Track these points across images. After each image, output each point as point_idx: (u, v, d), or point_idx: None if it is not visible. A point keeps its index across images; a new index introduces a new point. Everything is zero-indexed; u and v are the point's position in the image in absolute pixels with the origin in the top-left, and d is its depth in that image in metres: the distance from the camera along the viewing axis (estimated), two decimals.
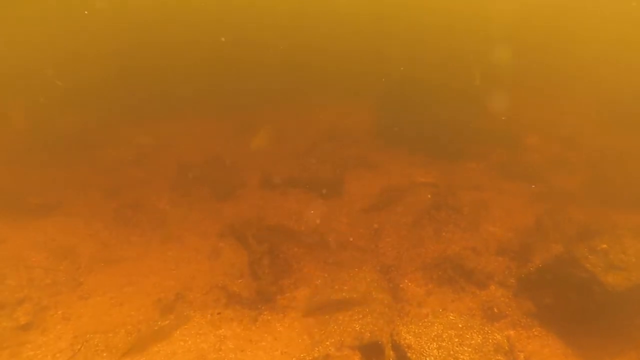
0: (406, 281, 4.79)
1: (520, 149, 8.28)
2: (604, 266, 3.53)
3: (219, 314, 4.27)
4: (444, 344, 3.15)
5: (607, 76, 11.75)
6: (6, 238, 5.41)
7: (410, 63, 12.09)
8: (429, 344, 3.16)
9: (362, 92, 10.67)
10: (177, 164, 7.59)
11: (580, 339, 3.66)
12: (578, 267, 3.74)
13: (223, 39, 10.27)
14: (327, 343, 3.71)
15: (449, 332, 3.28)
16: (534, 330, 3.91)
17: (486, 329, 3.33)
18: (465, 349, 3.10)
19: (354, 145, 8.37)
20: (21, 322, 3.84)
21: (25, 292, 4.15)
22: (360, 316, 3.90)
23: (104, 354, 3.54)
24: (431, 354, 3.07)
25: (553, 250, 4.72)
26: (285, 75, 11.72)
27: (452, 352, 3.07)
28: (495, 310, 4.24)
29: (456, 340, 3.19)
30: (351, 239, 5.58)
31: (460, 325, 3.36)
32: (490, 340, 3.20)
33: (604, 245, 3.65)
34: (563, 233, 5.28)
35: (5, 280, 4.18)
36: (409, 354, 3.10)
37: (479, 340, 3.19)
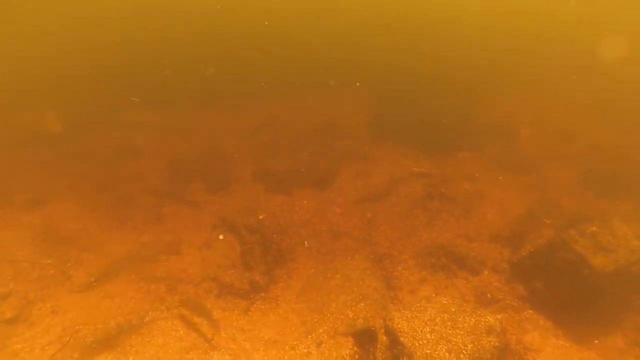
0: (400, 269, 4.80)
1: (515, 141, 8.32)
2: (593, 248, 3.57)
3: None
4: (436, 328, 3.16)
5: (602, 71, 11.85)
6: None
7: (406, 57, 12.04)
8: (422, 327, 3.16)
9: (357, 86, 10.61)
10: (171, 157, 7.48)
11: (570, 321, 3.71)
12: (568, 250, 3.77)
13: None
14: (320, 330, 3.70)
15: (442, 316, 3.28)
16: (525, 313, 3.95)
17: (479, 312, 3.34)
18: (458, 331, 3.11)
19: (348, 138, 8.32)
20: (7, 316, 3.75)
21: (10, 287, 4.05)
22: (353, 304, 3.90)
23: (94, 346, 3.48)
24: (424, 337, 3.07)
25: (544, 236, 4.76)
26: (279, 69, 11.60)
27: (444, 335, 3.08)
28: (488, 295, 4.28)
29: (449, 323, 3.20)
30: (344, 229, 5.56)
31: (453, 309, 3.37)
32: (483, 323, 3.21)
33: (593, 228, 3.68)
34: (554, 220, 5.32)
35: None
36: (401, 338, 3.10)
37: (471, 323, 3.20)
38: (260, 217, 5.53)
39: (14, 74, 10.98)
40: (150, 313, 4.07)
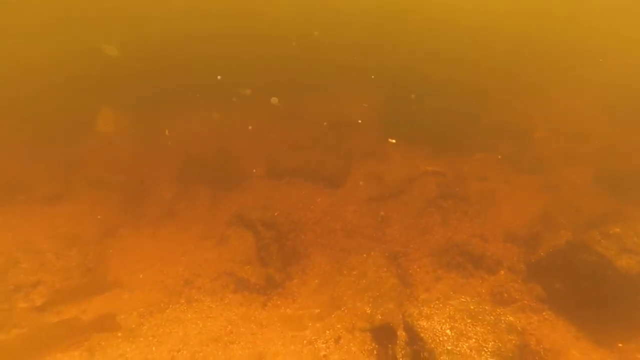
0: (415, 267, 4.80)
1: (529, 142, 8.21)
2: (617, 250, 3.52)
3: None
4: (456, 325, 3.16)
5: (617, 70, 11.60)
6: (16, 226, 5.45)
7: (418, 56, 11.97)
8: (441, 324, 3.16)
9: (370, 84, 10.59)
10: (184, 154, 7.58)
11: (591, 323, 3.66)
12: (589, 251, 3.72)
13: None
14: (338, 326, 3.73)
15: (461, 313, 3.28)
16: (544, 314, 3.92)
17: (498, 311, 3.33)
18: (478, 329, 3.11)
19: (360, 136, 8.32)
20: (37, 303, 3.89)
21: (39, 276, 4.19)
22: (371, 300, 3.92)
23: (119, 334, 3.58)
24: (444, 333, 3.07)
25: (562, 237, 4.69)
26: (291, 67, 11.63)
27: (465, 332, 3.08)
28: (505, 295, 4.25)
29: (469, 321, 3.20)
30: (358, 227, 5.58)
31: (471, 307, 3.37)
32: (503, 322, 3.20)
33: (617, 230, 3.63)
34: (572, 221, 5.25)
35: (19, 264, 4.22)
36: (422, 335, 3.11)
37: (491, 321, 3.19)
38: (275, 213, 5.59)
39: (28, 75, 11.25)
40: (170, 306, 4.16)
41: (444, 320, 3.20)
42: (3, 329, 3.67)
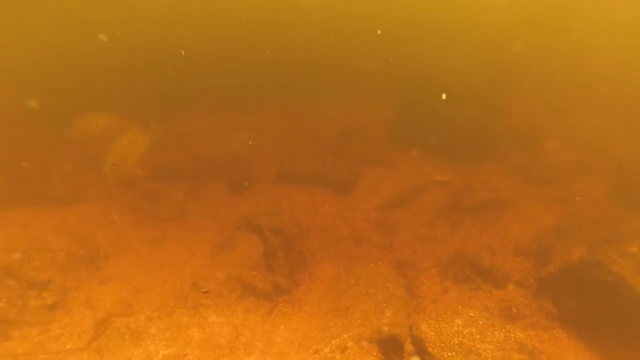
0: (422, 278, 4.75)
1: (540, 151, 8.09)
2: (633, 269, 3.43)
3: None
4: (465, 340, 3.12)
5: (633, 81, 11.37)
6: (30, 223, 5.58)
7: (429, 63, 11.95)
8: (449, 339, 3.12)
9: (379, 91, 10.60)
10: (193, 156, 7.68)
11: (604, 344, 3.56)
12: (604, 270, 3.64)
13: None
14: (345, 336, 3.70)
15: (470, 328, 3.24)
16: (555, 332, 3.83)
17: (507, 327, 3.28)
18: (487, 345, 3.06)
19: (369, 143, 8.31)
20: (48, 302, 3.97)
21: (50, 274, 4.28)
22: (378, 310, 3.89)
23: (126, 337, 3.62)
24: (453, 349, 3.03)
25: (575, 253, 4.61)
26: (302, 71, 11.71)
27: (473, 348, 3.03)
28: (514, 310, 4.17)
29: (477, 337, 3.15)
30: (365, 235, 5.56)
31: (480, 323, 3.32)
32: (513, 339, 3.14)
33: (634, 249, 3.54)
34: (585, 236, 5.14)
35: (32, 262, 4.31)
36: (429, 349, 3.08)
37: (500, 338, 3.14)
38: (283, 219, 5.60)
39: (46, 73, 11.52)
40: (177, 310, 4.19)
41: (452, 335, 3.16)
42: (16, 325, 3.76)
